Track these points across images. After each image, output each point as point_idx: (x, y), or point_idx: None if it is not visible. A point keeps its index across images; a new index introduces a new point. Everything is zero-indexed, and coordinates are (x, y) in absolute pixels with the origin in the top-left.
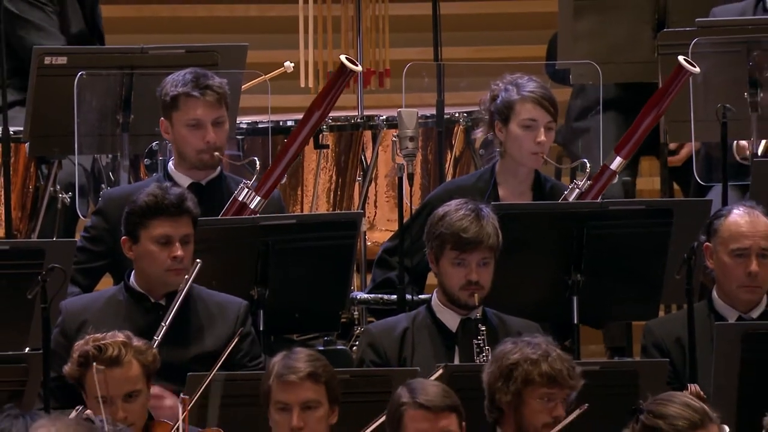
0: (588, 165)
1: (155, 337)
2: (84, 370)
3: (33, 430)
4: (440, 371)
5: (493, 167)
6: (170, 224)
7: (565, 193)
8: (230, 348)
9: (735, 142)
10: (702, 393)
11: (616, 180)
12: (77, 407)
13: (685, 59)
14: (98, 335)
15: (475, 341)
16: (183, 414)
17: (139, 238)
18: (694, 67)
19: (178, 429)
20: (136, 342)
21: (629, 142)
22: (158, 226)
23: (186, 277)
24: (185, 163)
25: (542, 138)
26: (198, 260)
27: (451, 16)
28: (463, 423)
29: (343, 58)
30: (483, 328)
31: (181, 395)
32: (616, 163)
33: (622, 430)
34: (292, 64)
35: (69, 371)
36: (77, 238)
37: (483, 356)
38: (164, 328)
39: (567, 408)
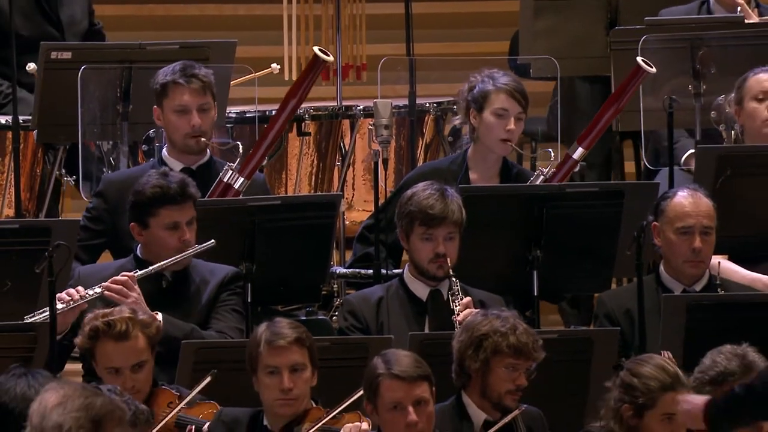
0: (552, 153)
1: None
2: (94, 343)
3: (43, 392)
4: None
5: (465, 152)
6: (177, 211)
7: (531, 178)
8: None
9: (686, 155)
10: (672, 358)
11: (577, 168)
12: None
13: (643, 60)
14: (107, 310)
15: (450, 296)
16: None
17: (148, 225)
18: (651, 67)
19: (179, 397)
20: (141, 316)
21: (590, 135)
22: (166, 214)
23: (195, 249)
24: (175, 148)
25: (512, 126)
26: (212, 241)
27: (422, 15)
28: (433, 388)
29: (316, 49)
30: (456, 284)
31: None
32: (578, 152)
33: (605, 383)
34: (278, 67)
35: (80, 343)
36: (76, 216)
37: (456, 304)
38: (149, 271)
39: (528, 377)
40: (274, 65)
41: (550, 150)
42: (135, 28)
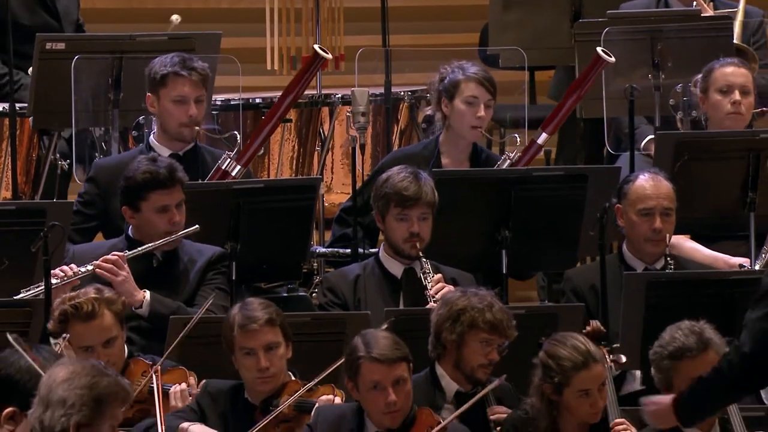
0: (518, 139)
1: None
2: (65, 326)
3: (54, 366)
4: (386, 324)
5: (437, 139)
6: (166, 195)
7: (498, 162)
8: (207, 304)
9: (645, 140)
10: (602, 328)
11: (541, 153)
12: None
13: (603, 50)
14: (72, 294)
15: (422, 273)
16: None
17: (139, 208)
18: (610, 57)
19: (152, 366)
20: (107, 293)
21: (553, 121)
22: (156, 198)
23: (182, 233)
24: (167, 135)
25: (482, 113)
26: (197, 225)
27: (397, 8)
28: (411, 366)
29: (316, 47)
30: (427, 263)
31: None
32: (542, 138)
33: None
34: (179, 18)
35: (52, 328)
36: (70, 198)
37: (428, 281)
38: (138, 252)
39: (500, 353)
40: (174, 17)
41: (516, 135)
42: (126, 20)
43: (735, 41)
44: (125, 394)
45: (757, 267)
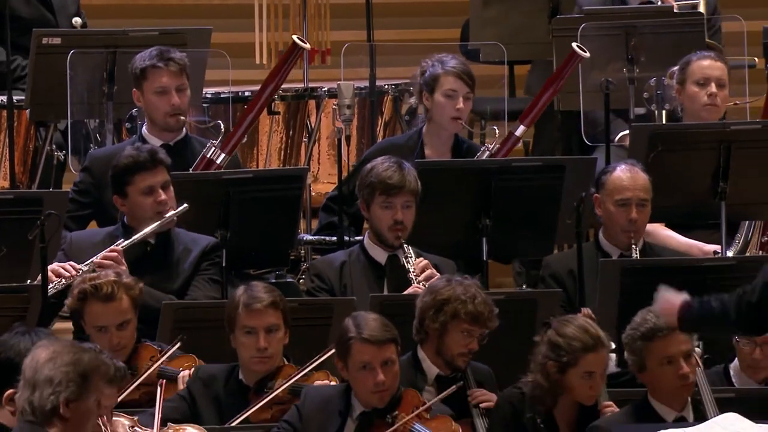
0: (497, 130)
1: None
2: (83, 304)
3: (34, 348)
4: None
5: (421, 130)
6: (150, 176)
7: (478, 153)
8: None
9: (620, 135)
10: (592, 315)
11: (520, 144)
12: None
13: (578, 46)
14: (93, 274)
15: (405, 259)
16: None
17: (127, 194)
18: (585, 52)
19: (160, 351)
20: (126, 279)
21: (531, 113)
22: (140, 179)
23: (171, 213)
24: (155, 126)
25: (461, 105)
26: (185, 204)
27: (381, 4)
28: (398, 348)
29: (294, 38)
30: (409, 249)
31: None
32: (520, 130)
33: (533, 337)
34: (79, 20)
35: (70, 305)
36: (66, 188)
37: (410, 265)
38: (134, 240)
39: (479, 342)
40: (75, 20)
41: (496, 127)
42: (119, 16)
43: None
44: (106, 368)
45: (729, 254)
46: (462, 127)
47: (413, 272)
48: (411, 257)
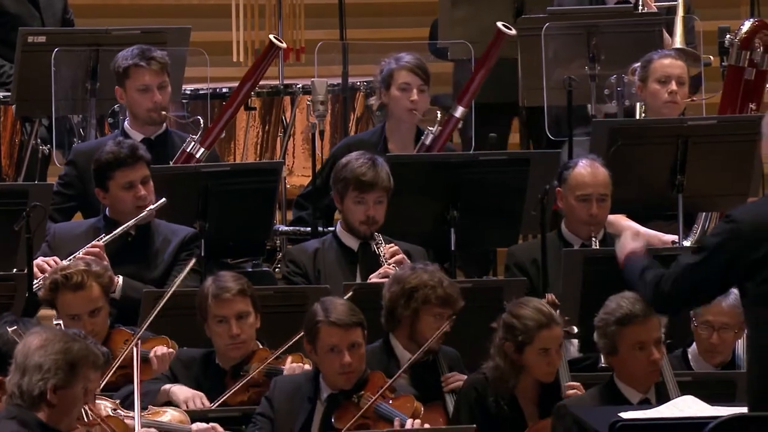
0: (438, 114)
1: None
2: (55, 294)
3: (27, 336)
4: (350, 293)
5: (383, 126)
6: (130, 171)
7: (423, 137)
8: (183, 275)
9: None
10: (556, 300)
11: (460, 125)
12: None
13: (503, 24)
14: (64, 264)
15: (376, 245)
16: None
17: (108, 188)
18: (510, 30)
19: (134, 335)
20: (95, 268)
21: (466, 95)
22: (121, 175)
23: (150, 208)
24: (137, 121)
25: (415, 97)
26: (164, 199)
27: (353, 4)
28: (365, 332)
29: (271, 37)
30: (380, 237)
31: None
32: (459, 111)
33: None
34: None
35: (42, 295)
36: (51, 180)
37: (380, 250)
38: (114, 235)
39: (450, 322)
40: None
41: (438, 111)
42: (102, 15)
43: (678, 41)
44: (95, 358)
45: (687, 244)
46: (418, 119)
47: (383, 256)
48: (381, 243)
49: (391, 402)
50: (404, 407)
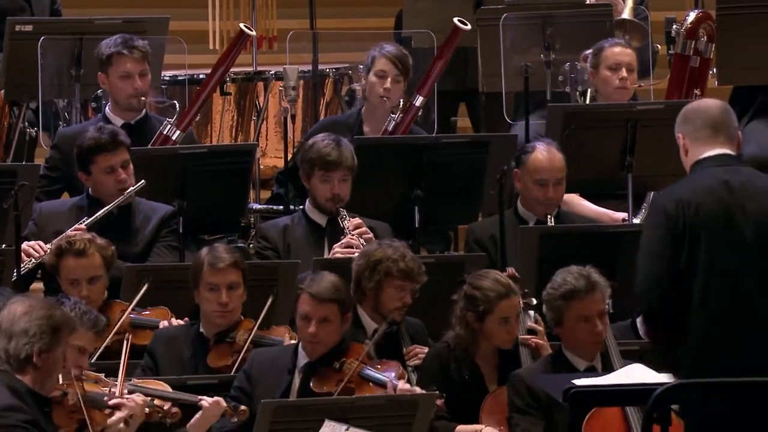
0: (401, 102)
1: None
2: (59, 260)
3: (10, 304)
4: None
5: (360, 109)
6: (111, 156)
7: (386, 123)
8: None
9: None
10: (516, 274)
11: (420, 113)
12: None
13: (458, 20)
14: (71, 233)
15: (341, 220)
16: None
17: (90, 172)
18: (466, 25)
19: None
20: (99, 240)
21: (426, 85)
22: (102, 160)
23: (130, 190)
24: (119, 106)
25: (389, 86)
26: (143, 180)
27: None
28: (344, 312)
29: (241, 25)
30: (344, 212)
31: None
32: (419, 100)
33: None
34: None
35: (48, 260)
36: (38, 161)
37: (346, 223)
38: (96, 218)
39: (412, 296)
40: None
41: (401, 100)
42: (86, 6)
43: (626, 14)
44: (74, 324)
45: (636, 221)
46: (389, 106)
47: (347, 228)
48: (346, 218)
49: (377, 366)
50: (390, 369)
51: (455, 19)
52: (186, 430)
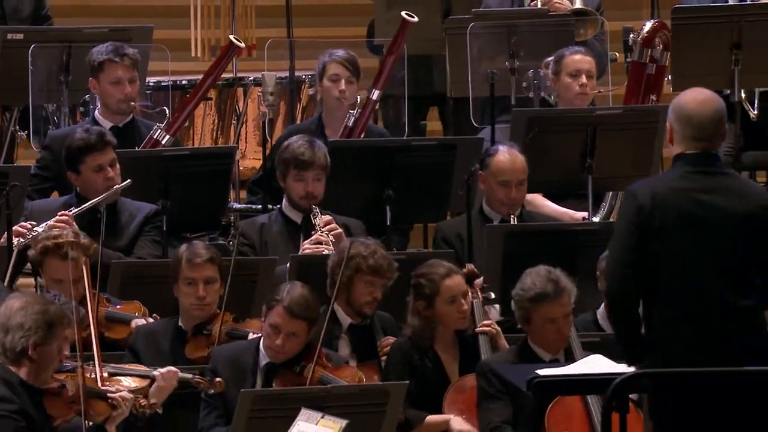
0: (359, 98)
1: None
2: (43, 258)
3: (7, 300)
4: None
5: (320, 114)
6: (99, 156)
7: (345, 119)
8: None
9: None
10: (476, 270)
11: (377, 106)
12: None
13: (406, 14)
14: (56, 233)
15: (313, 217)
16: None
17: (80, 171)
18: (413, 18)
19: (107, 300)
20: (83, 240)
21: (380, 79)
22: (91, 159)
23: (116, 187)
24: (108, 110)
25: (343, 87)
26: (129, 180)
27: (299, 6)
28: (312, 328)
29: (231, 37)
30: (317, 210)
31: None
32: (375, 94)
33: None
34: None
35: (32, 256)
36: (23, 162)
37: (317, 220)
38: (83, 208)
39: (383, 291)
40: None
41: (359, 96)
42: (74, 15)
43: (578, 3)
44: (69, 319)
45: (596, 219)
46: (346, 107)
47: (318, 225)
48: (318, 215)
49: (334, 372)
50: (348, 376)
51: (403, 13)
52: (149, 396)
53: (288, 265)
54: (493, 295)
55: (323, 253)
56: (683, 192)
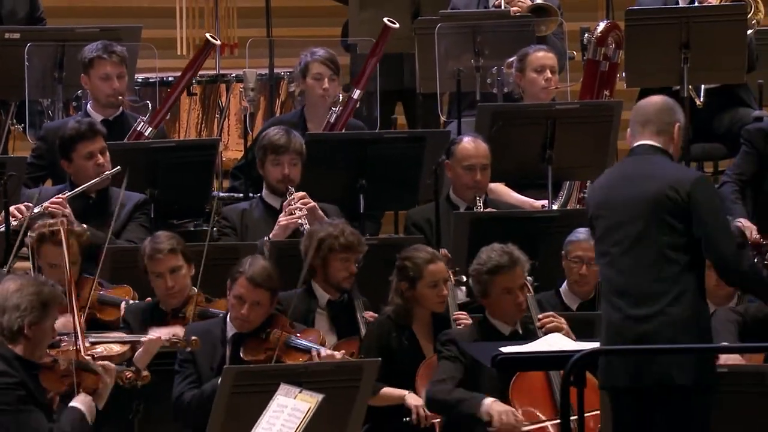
0: (341, 96)
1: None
2: (40, 244)
3: (4, 282)
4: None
5: (303, 109)
6: (90, 144)
7: (328, 116)
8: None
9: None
10: (449, 255)
11: (357, 105)
12: None
13: (388, 20)
14: (52, 221)
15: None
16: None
17: (72, 159)
18: (395, 24)
19: (99, 283)
20: (76, 227)
21: (361, 80)
22: (82, 147)
23: (107, 173)
24: (99, 104)
25: (326, 85)
26: (119, 167)
27: (278, 7)
28: (275, 298)
29: (207, 35)
30: (292, 191)
31: None
32: (356, 93)
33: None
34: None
35: (30, 241)
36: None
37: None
38: (76, 192)
39: (357, 265)
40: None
41: (340, 94)
42: (67, 16)
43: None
44: (62, 299)
45: (554, 207)
46: (330, 102)
47: (293, 198)
48: (292, 192)
49: (299, 335)
50: (312, 336)
51: (385, 19)
52: (133, 362)
53: (265, 238)
54: (464, 278)
55: (297, 222)
56: (613, 182)
